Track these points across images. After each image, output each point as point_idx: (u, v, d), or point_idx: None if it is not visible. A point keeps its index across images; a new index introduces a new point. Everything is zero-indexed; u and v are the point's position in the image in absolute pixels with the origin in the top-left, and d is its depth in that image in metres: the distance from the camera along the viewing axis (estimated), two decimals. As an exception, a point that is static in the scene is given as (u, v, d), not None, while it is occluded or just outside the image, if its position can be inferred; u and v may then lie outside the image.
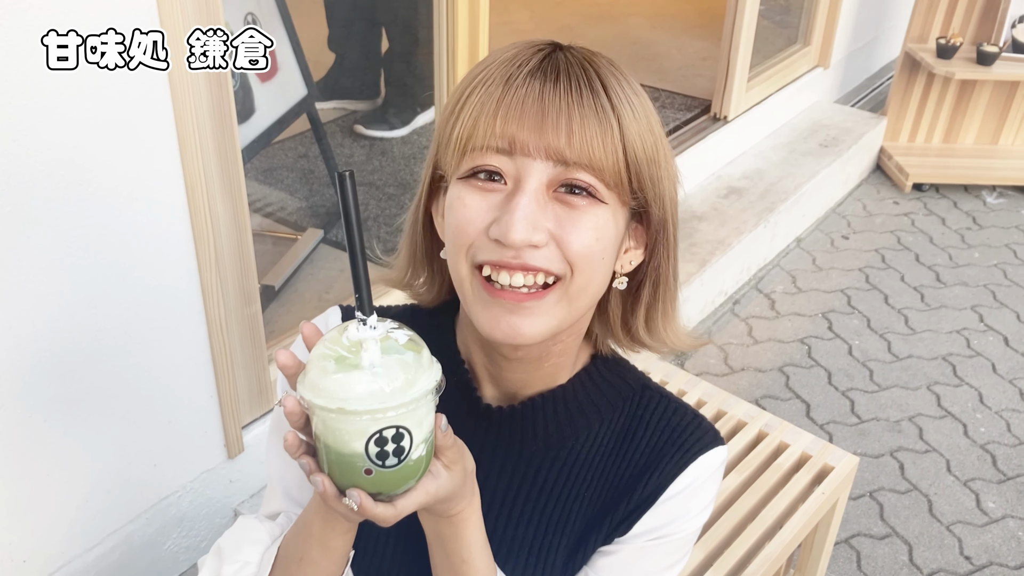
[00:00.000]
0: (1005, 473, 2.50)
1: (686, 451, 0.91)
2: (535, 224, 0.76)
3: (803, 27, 3.99)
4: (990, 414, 2.71)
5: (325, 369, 0.69)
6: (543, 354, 0.88)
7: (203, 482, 1.90)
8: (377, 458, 0.69)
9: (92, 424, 1.65)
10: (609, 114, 0.78)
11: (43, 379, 1.55)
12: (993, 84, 3.95)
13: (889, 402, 2.73)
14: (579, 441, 0.93)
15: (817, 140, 3.78)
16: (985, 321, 3.12)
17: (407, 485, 0.73)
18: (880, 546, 2.26)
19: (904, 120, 4.08)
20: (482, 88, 0.79)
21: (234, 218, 1.75)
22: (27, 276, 1.46)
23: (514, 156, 0.77)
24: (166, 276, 1.67)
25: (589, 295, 0.83)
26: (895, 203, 3.85)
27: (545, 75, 0.78)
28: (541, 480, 0.93)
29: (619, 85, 0.80)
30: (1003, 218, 3.78)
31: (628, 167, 0.79)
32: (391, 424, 0.68)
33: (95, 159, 1.48)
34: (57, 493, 1.65)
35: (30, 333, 1.50)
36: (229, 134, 1.68)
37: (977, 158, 4.06)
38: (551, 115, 0.76)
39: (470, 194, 0.79)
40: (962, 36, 3.84)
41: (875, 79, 4.68)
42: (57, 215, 1.46)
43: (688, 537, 0.94)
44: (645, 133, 0.80)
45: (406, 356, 0.70)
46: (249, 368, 1.91)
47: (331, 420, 0.69)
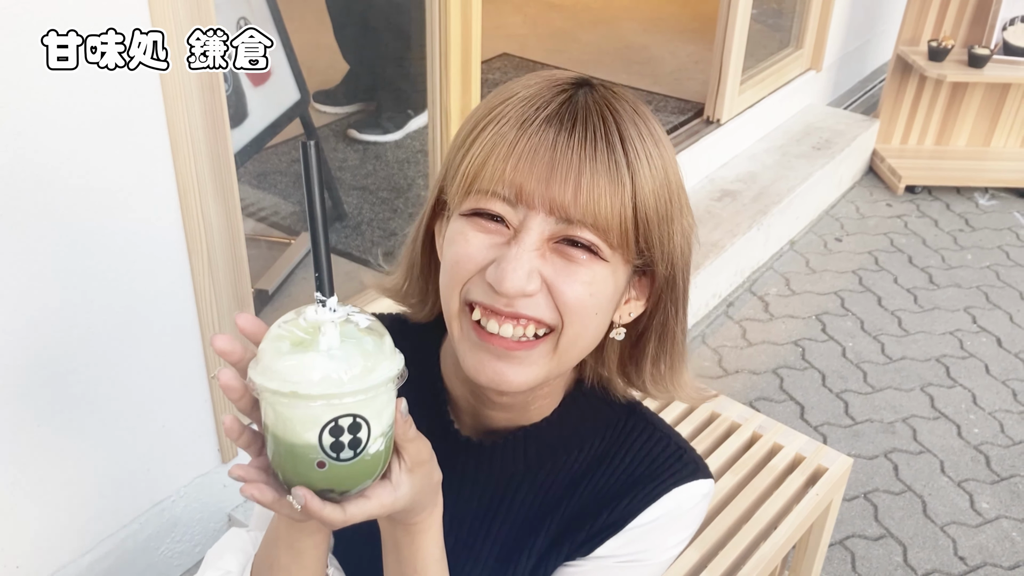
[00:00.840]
0: (999, 474, 2.50)
1: (662, 481, 0.89)
2: (530, 274, 0.75)
3: (795, 30, 4.00)
4: (984, 415, 2.71)
5: (279, 351, 0.64)
6: (528, 399, 0.87)
7: (197, 487, 1.90)
8: (331, 449, 0.65)
9: (85, 429, 1.65)
10: (623, 170, 0.75)
11: (36, 384, 1.55)
12: (985, 86, 3.97)
13: (883, 403, 2.74)
14: (556, 466, 0.92)
15: (810, 143, 3.79)
16: (978, 323, 3.13)
17: (363, 484, 0.68)
18: (874, 547, 2.26)
19: (896, 122, 4.10)
20: (496, 126, 0.76)
21: (227, 223, 1.75)
22: (19, 279, 1.45)
23: (518, 206, 0.76)
24: (159, 280, 1.66)
25: (579, 348, 0.81)
26: (888, 205, 3.86)
27: (561, 122, 0.75)
28: (516, 503, 0.92)
29: (639, 136, 0.77)
30: (995, 220, 3.80)
31: (636, 227, 0.77)
32: (347, 412, 0.64)
33: (88, 164, 1.48)
34: (50, 498, 1.64)
35: (22, 337, 1.50)
36: (222, 138, 1.68)
37: (969, 160, 4.08)
38: (560, 169, 0.74)
39: (472, 231, 0.78)
40: (953, 39, 3.85)
41: (867, 82, 4.70)
42: (50, 219, 1.46)
43: (659, 565, 0.92)
44: (660, 190, 0.77)
45: (366, 342, 0.66)
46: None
47: (283, 407, 0.64)
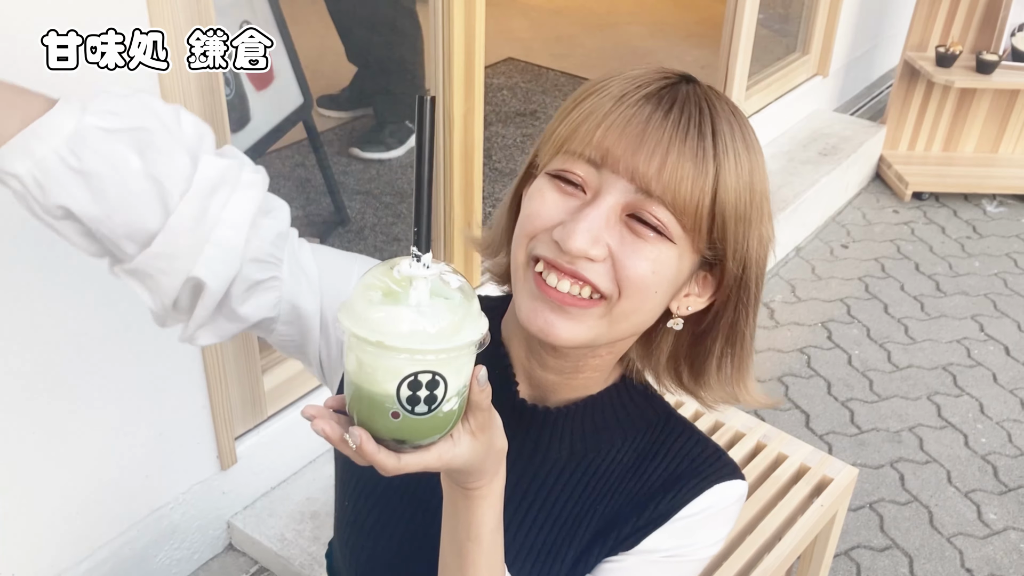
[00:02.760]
0: (1007, 484, 2.48)
1: (704, 478, 0.91)
2: (596, 238, 0.76)
3: (802, 35, 3.99)
4: (991, 424, 2.69)
5: (371, 300, 0.66)
6: (579, 364, 0.88)
7: (195, 494, 1.88)
8: (408, 402, 0.66)
9: (83, 435, 1.63)
10: (709, 160, 0.76)
11: (34, 390, 1.53)
12: (993, 92, 3.94)
13: (889, 412, 2.71)
14: (600, 455, 0.93)
15: (816, 148, 3.77)
16: (986, 331, 3.10)
17: (431, 439, 0.69)
18: (880, 558, 2.24)
19: (903, 129, 4.07)
20: (596, 97, 0.79)
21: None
22: (19, 285, 1.44)
23: (601, 169, 0.78)
24: (158, 286, 1.65)
25: (633, 322, 0.82)
26: (895, 212, 3.84)
27: (660, 102, 0.78)
28: (559, 489, 0.93)
29: (731, 134, 0.79)
30: (1003, 227, 3.77)
31: (713, 217, 0.78)
32: (428, 368, 0.65)
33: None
34: (48, 505, 1.63)
35: (21, 343, 1.48)
36: (222, 142, 1.66)
37: (977, 167, 4.05)
38: (650, 142, 0.76)
39: (551, 191, 0.80)
40: (961, 44, 3.83)
41: (874, 87, 4.67)
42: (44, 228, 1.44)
43: (697, 564, 0.93)
44: (742, 189, 0.78)
45: (455, 301, 0.67)
46: (242, 379, 1.89)
47: (367, 355, 0.65)
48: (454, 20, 2.11)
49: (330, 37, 3.27)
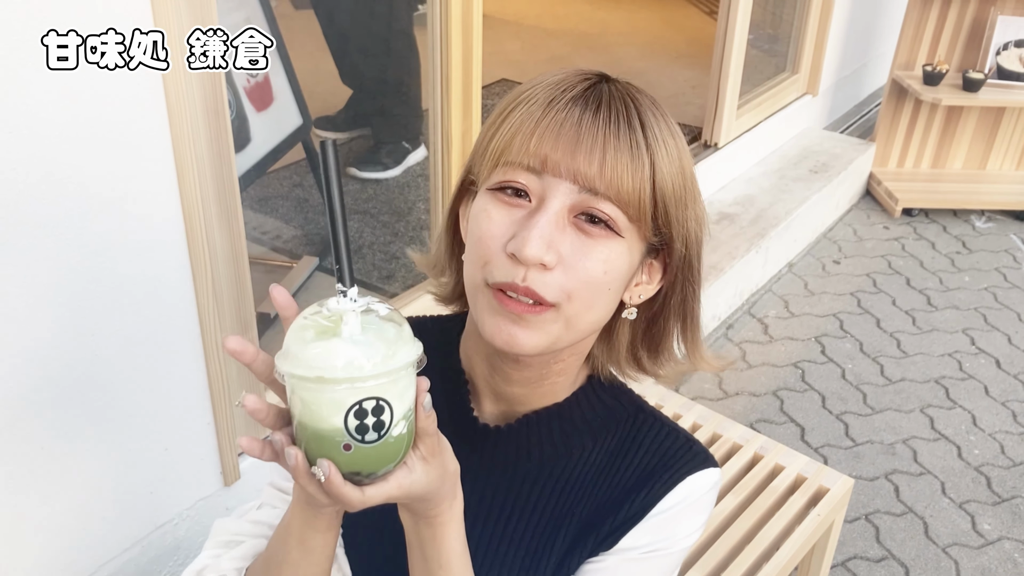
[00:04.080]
0: (1000, 495, 2.50)
1: (677, 470, 0.92)
2: (549, 244, 0.78)
3: (791, 55, 4.05)
4: (984, 436, 2.72)
5: (304, 339, 0.67)
6: (543, 372, 0.89)
7: (199, 510, 1.90)
8: (357, 432, 0.67)
9: (89, 451, 1.65)
10: (643, 151, 0.79)
11: (40, 406, 1.55)
12: (980, 110, 4.01)
13: (883, 425, 2.74)
14: (571, 460, 0.94)
15: (807, 166, 3.82)
16: (977, 344, 3.14)
17: (386, 467, 0.71)
18: (877, 569, 2.26)
19: (893, 146, 4.13)
20: (524, 106, 0.81)
21: (231, 246, 1.76)
22: (26, 300, 1.46)
23: (543, 175, 0.79)
24: (163, 303, 1.67)
25: (588, 321, 0.84)
26: (885, 228, 3.89)
27: (587, 103, 0.80)
28: (534, 498, 0.94)
29: (657, 125, 0.82)
30: (992, 242, 3.82)
31: (655, 204, 0.81)
32: (371, 395, 0.67)
33: (92, 188, 1.50)
34: (53, 521, 1.64)
35: (28, 359, 1.50)
36: (227, 162, 1.70)
37: (965, 183, 4.11)
38: (586, 142, 0.78)
39: (495, 207, 0.81)
40: (948, 63, 3.89)
41: (863, 106, 4.74)
42: (56, 241, 1.47)
43: (677, 556, 0.94)
44: (676, 174, 0.82)
45: (386, 329, 0.69)
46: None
47: (309, 393, 0.67)
48: (452, 42, 2.15)
49: (325, 59, 3.31)
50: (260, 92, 2.45)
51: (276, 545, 0.86)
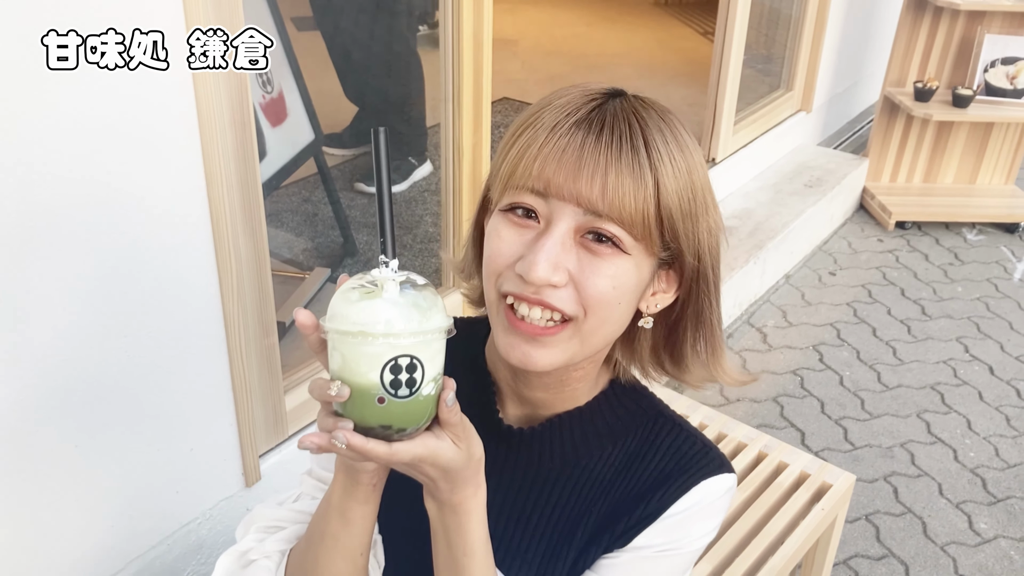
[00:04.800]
0: (995, 495, 2.57)
1: (692, 475, 0.95)
2: (556, 266, 0.82)
3: (785, 74, 4.15)
4: (979, 440, 2.79)
5: (349, 300, 0.74)
6: (563, 379, 0.94)
7: (222, 510, 1.95)
8: (391, 386, 0.73)
9: (118, 450, 1.71)
10: (646, 171, 0.81)
11: (72, 405, 1.61)
12: (969, 125, 4.11)
13: (881, 429, 2.81)
14: (592, 461, 0.98)
15: (802, 181, 3.91)
16: (970, 352, 3.22)
17: (415, 425, 0.76)
18: (877, 567, 2.32)
19: (885, 161, 4.23)
20: (531, 131, 0.84)
21: (254, 252, 1.83)
22: (62, 302, 1.53)
23: (548, 199, 0.83)
24: (191, 306, 1.74)
25: (603, 334, 0.88)
26: (879, 240, 3.97)
27: (590, 126, 0.82)
28: (555, 497, 0.98)
29: (664, 141, 0.83)
30: (984, 254, 3.91)
31: (661, 222, 0.84)
32: (406, 352, 0.73)
33: (126, 195, 1.56)
34: (85, 519, 1.70)
35: (59, 360, 1.57)
36: (251, 170, 1.77)
37: (957, 197, 4.20)
38: (588, 167, 0.81)
39: (506, 227, 0.86)
40: (938, 80, 4.00)
41: (856, 122, 4.84)
42: (92, 245, 1.54)
43: (690, 556, 0.97)
44: (683, 190, 0.84)
45: (422, 297, 0.75)
46: (266, 398, 1.98)
47: (350, 348, 0.73)
48: (464, 60, 2.23)
49: (328, 79, 3.39)
50: (275, 108, 2.53)
51: (318, 519, 0.91)
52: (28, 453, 1.56)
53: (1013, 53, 3.87)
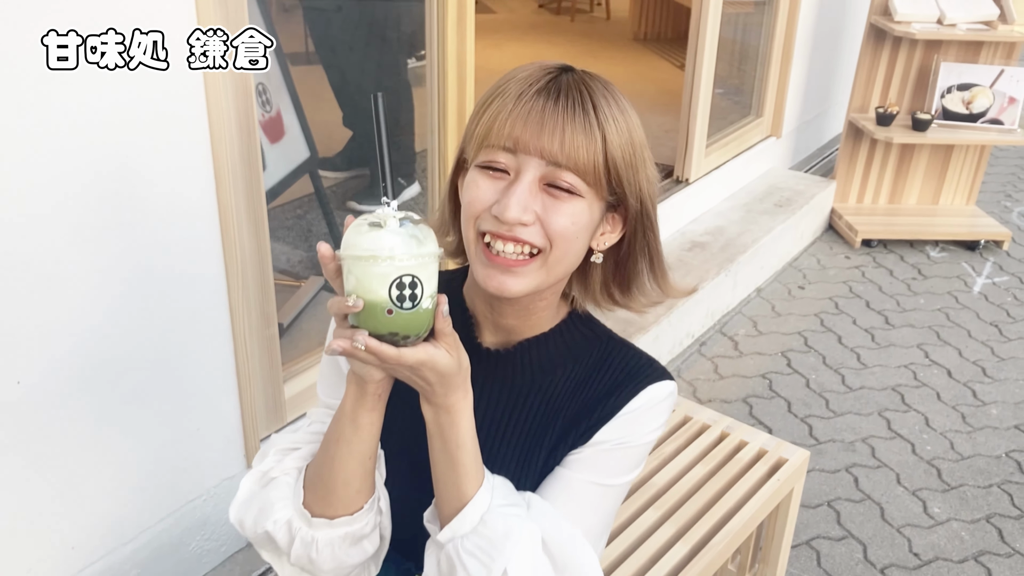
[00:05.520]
0: (949, 484, 2.74)
1: (639, 381, 1.13)
2: (525, 207, 1.00)
3: (755, 102, 4.38)
4: (935, 435, 2.97)
5: (360, 231, 0.91)
6: (530, 307, 1.12)
7: (224, 488, 2.11)
8: (397, 300, 0.90)
9: (133, 426, 1.87)
10: (595, 129, 1.00)
11: (93, 384, 1.77)
12: (930, 149, 4.34)
13: (844, 426, 2.98)
14: (556, 376, 1.16)
15: (772, 201, 4.12)
16: (930, 357, 3.40)
17: (417, 332, 0.93)
18: (838, 546, 2.48)
19: (852, 183, 4.45)
20: (500, 99, 1.03)
21: (257, 248, 2.01)
22: (89, 287, 1.70)
23: (517, 154, 1.01)
24: (201, 295, 1.91)
25: (564, 265, 1.07)
26: (846, 257, 4.18)
27: (549, 94, 1.01)
28: (527, 407, 1.16)
29: (608, 105, 1.03)
30: (945, 269, 4.11)
31: (608, 171, 1.02)
32: (408, 272, 0.89)
33: (149, 193, 1.74)
34: (102, 489, 1.85)
35: (83, 343, 1.73)
36: (255, 176, 1.96)
37: (920, 216, 4.42)
38: (548, 126, 0.99)
39: (482, 179, 1.03)
40: (898, 105, 4.23)
41: (826, 148, 5.08)
42: (117, 237, 1.71)
43: (642, 449, 1.14)
44: (625, 145, 1.03)
45: (417, 230, 0.93)
46: (266, 385, 2.14)
47: (362, 270, 0.89)
48: (448, 91, 2.45)
49: (318, 109, 3.59)
50: (273, 126, 2.72)
51: (332, 429, 1.07)
52: (56, 424, 1.72)
53: (968, 80, 4.11)
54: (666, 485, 1.99)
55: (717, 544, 1.85)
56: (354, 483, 1.07)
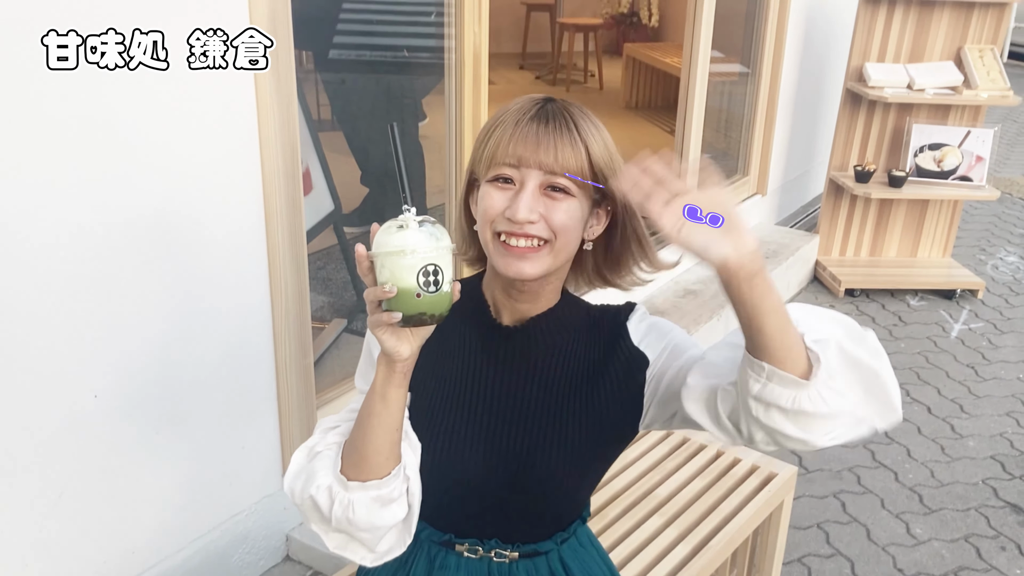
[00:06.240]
0: (931, 508, 2.94)
1: (621, 317, 1.37)
2: (531, 209, 1.23)
3: (741, 162, 4.68)
4: (917, 464, 3.17)
5: (389, 232, 1.11)
6: (538, 292, 1.34)
7: (265, 505, 2.30)
8: (424, 285, 1.07)
9: (188, 441, 2.08)
10: (579, 143, 1.25)
11: (154, 401, 1.99)
12: (907, 204, 4.62)
13: (831, 457, 3.19)
14: (566, 340, 1.37)
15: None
16: (911, 395, 3.63)
17: (441, 311, 1.13)
18: (827, 563, 2.67)
19: (834, 237, 4.72)
20: (501, 127, 1.27)
21: (297, 283, 2.24)
22: (144, 319, 1.92)
23: (520, 168, 1.24)
24: (250, 324, 2.14)
25: (567, 251, 1.29)
26: (831, 306, 4.42)
27: (540, 119, 1.26)
28: (551, 367, 1.36)
29: (586, 125, 1.27)
30: (925, 316, 4.36)
31: (593, 175, 1.27)
32: (431, 262, 1.07)
33: (201, 223, 1.98)
34: (160, 498, 2.05)
35: (145, 364, 1.95)
36: (297, 216, 2.20)
37: (900, 268, 4.69)
38: (543, 144, 1.24)
39: (494, 190, 1.26)
40: (875, 164, 4.53)
41: (809, 207, 5.37)
42: (172, 267, 1.95)
43: (684, 335, 1.34)
44: (604, 152, 1.27)
45: (435, 229, 1.13)
46: (302, 410, 2.35)
47: (395, 262, 1.07)
48: (464, 146, 2.72)
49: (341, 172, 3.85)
50: (304, 180, 2.98)
51: (365, 404, 1.26)
52: (123, 436, 1.93)
53: (938, 140, 4.42)
54: (669, 495, 2.19)
55: (715, 545, 2.05)
56: (383, 451, 1.25)
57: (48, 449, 1.80)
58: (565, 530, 1.42)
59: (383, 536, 1.28)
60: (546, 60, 7.95)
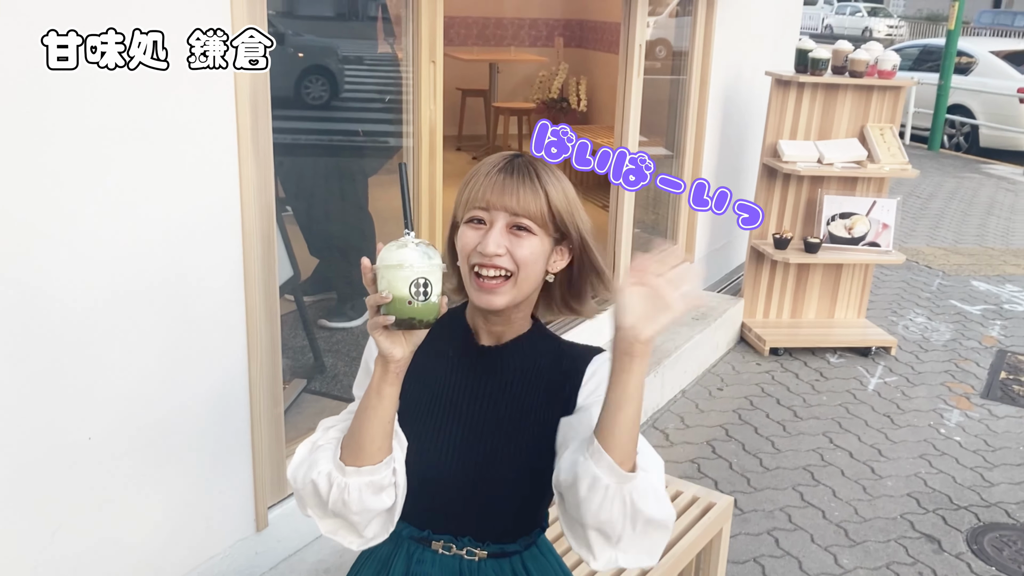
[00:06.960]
0: (855, 540, 3.18)
1: (586, 357, 1.55)
2: (498, 244, 1.45)
3: (669, 232, 5.01)
4: (842, 503, 3.42)
5: (391, 249, 1.32)
6: (510, 317, 1.55)
7: (238, 549, 2.42)
8: (415, 295, 1.27)
9: (166, 485, 2.20)
10: (539, 189, 1.48)
11: (138, 445, 2.12)
12: (823, 268, 4.99)
13: (764, 499, 3.42)
14: (535, 364, 1.56)
15: (690, 316, 4.67)
16: (834, 442, 3.90)
17: (429, 318, 1.32)
18: (764, 592, 2.88)
19: (758, 300, 5.05)
20: (476, 177, 1.50)
21: (270, 336, 2.41)
22: (133, 356, 2.08)
23: (490, 211, 1.47)
24: (226, 372, 2.29)
25: (530, 283, 1.50)
26: (757, 364, 4.72)
27: (507, 170, 1.49)
28: (517, 386, 1.56)
29: (547, 175, 1.50)
30: (844, 371, 4.68)
31: (553, 217, 1.49)
32: (423, 275, 1.27)
33: (183, 282, 2.16)
34: (143, 538, 2.16)
35: (133, 411, 2.09)
36: (272, 279, 2.39)
37: (819, 328, 5.03)
38: (508, 190, 1.47)
39: (469, 230, 1.49)
40: (792, 231, 4.90)
41: (733, 273, 5.72)
42: (153, 313, 2.11)
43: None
44: (561, 198, 1.50)
45: (428, 249, 1.34)
46: (273, 458, 2.49)
47: (392, 275, 1.27)
48: (422, 201, 2.94)
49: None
50: (265, 248, 3.16)
51: (362, 401, 1.44)
52: (112, 477, 2.06)
53: (847, 209, 4.81)
54: (618, 524, 2.39)
55: (663, 565, 2.24)
56: (377, 440, 1.43)
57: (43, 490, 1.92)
58: (529, 535, 1.61)
59: (371, 521, 1.46)
60: (482, 142, 8.28)
